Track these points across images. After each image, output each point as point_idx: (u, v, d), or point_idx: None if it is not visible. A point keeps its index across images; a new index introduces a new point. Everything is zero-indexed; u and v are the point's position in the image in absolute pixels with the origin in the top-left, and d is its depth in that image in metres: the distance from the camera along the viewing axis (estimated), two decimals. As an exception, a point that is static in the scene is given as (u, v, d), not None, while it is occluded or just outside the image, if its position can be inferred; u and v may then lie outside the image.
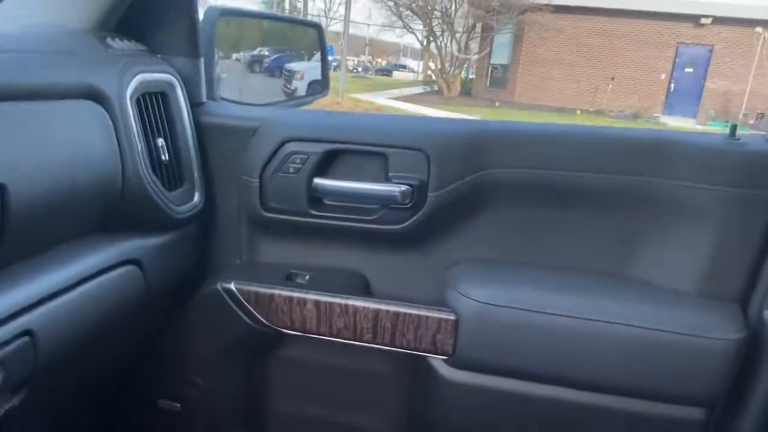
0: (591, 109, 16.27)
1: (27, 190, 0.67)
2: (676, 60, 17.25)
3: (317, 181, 1.03)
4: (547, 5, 16.63)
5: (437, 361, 1.01)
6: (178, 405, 1.17)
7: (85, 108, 0.81)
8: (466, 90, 20.29)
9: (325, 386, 1.14)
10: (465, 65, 21.27)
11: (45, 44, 0.83)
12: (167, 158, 0.96)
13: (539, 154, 0.98)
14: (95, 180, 0.81)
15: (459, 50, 19.37)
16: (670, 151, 0.93)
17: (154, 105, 0.96)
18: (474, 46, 20.00)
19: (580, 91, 17.28)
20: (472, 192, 1.01)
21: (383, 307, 0.99)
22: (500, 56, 19.18)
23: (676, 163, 0.93)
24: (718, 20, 16.13)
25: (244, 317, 1.04)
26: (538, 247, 1.04)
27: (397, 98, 17.38)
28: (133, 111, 0.88)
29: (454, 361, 0.99)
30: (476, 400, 1.00)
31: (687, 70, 17.26)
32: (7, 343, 0.66)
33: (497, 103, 16.68)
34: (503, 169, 0.99)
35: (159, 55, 1.04)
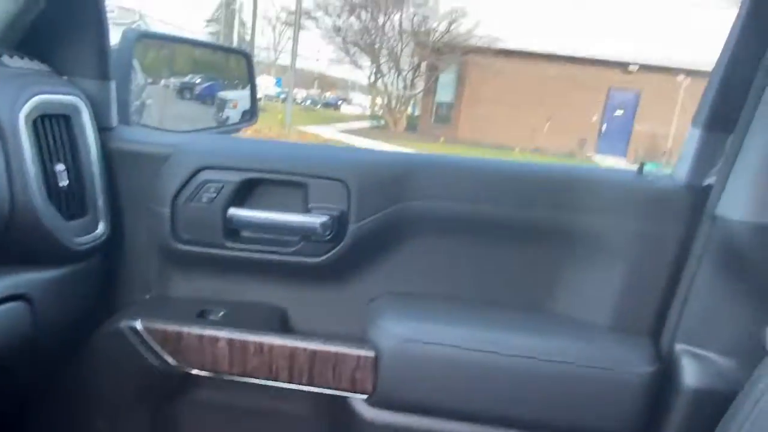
0: (530, 148, 16.93)
1: None
2: (608, 102, 18.34)
3: (233, 211, 0.98)
4: (489, 48, 17.40)
5: (357, 401, 0.97)
6: None
7: None
8: (413, 126, 20.71)
9: (240, 431, 1.07)
10: (411, 102, 21.79)
11: None
12: (66, 185, 0.90)
13: (460, 187, 0.98)
14: None
15: (405, 87, 19.85)
16: (583, 186, 0.95)
17: (54, 128, 0.89)
18: (420, 83, 20.57)
19: (520, 129, 17.97)
20: (393, 224, 0.99)
21: (300, 344, 0.94)
22: (445, 94, 19.80)
23: (589, 198, 0.95)
24: (644, 68, 17.34)
25: (151, 358, 0.96)
26: (459, 280, 1.03)
27: (344, 131, 17.51)
28: (27, 133, 0.82)
29: (374, 401, 0.95)
30: None
31: (617, 112, 18.36)
32: None
33: (442, 139, 17.08)
34: (424, 201, 0.98)
35: (65, 77, 0.98)
